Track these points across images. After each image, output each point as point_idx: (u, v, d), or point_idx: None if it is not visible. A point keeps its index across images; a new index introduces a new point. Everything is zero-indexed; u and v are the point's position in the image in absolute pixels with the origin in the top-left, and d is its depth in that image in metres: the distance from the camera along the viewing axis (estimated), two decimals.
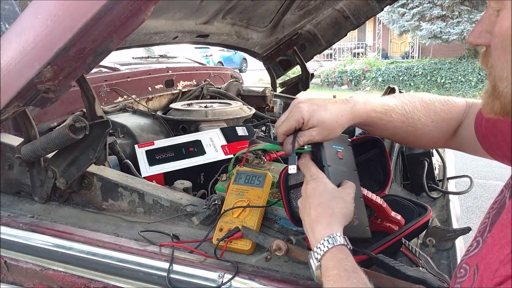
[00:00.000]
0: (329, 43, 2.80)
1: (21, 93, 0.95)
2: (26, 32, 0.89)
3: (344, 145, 0.92)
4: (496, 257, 0.50)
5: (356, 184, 0.85)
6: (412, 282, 0.77)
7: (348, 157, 0.91)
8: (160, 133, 1.77)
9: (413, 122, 0.93)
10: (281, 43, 2.74)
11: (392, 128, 0.93)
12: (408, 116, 0.93)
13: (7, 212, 1.19)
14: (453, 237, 0.98)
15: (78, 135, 1.09)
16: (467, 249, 0.63)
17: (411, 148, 1.45)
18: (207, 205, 1.07)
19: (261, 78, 13.94)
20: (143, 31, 1.79)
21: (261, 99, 2.43)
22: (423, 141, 0.97)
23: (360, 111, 0.91)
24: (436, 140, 0.96)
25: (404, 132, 0.94)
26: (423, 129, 0.93)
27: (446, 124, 0.94)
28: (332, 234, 0.73)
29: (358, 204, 0.84)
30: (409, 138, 0.96)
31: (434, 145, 1.11)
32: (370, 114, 0.91)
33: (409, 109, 0.93)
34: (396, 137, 0.98)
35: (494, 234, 0.54)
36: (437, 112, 0.94)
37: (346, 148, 0.92)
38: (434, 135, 0.95)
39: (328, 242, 0.72)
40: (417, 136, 0.95)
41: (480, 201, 4.40)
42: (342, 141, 0.92)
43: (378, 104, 0.92)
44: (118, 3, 0.80)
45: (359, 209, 0.84)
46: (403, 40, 19.82)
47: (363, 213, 0.85)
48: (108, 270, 0.99)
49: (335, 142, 0.90)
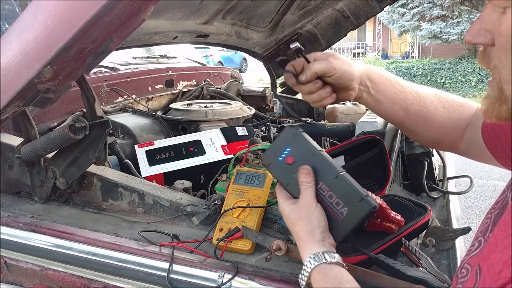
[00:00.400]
0: (329, 43, 2.80)
1: (21, 93, 0.95)
2: (26, 32, 0.89)
3: (290, 141, 0.81)
4: (499, 258, 0.49)
5: (323, 167, 0.76)
6: (412, 282, 0.77)
7: (301, 150, 0.80)
8: (160, 133, 1.78)
9: (424, 103, 0.90)
10: (281, 43, 2.73)
11: (403, 101, 0.89)
12: (420, 95, 0.90)
13: (7, 212, 1.19)
14: (453, 237, 0.98)
15: (78, 135, 1.09)
16: (469, 249, 0.63)
17: (411, 148, 1.45)
18: (207, 205, 1.07)
19: (261, 78, 13.94)
20: (143, 31, 1.79)
21: (261, 99, 2.43)
22: (433, 128, 0.92)
23: (373, 68, 0.90)
24: (445, 131, 0.91)
25: (416, 111, 0.90)
26: (434, 113, 0.90)
27: (457, 116, 0.91)
28: (308, 257, 0.72)
29: (339, 185, 0.75)
30: (419, 120, 0.91)
31: (442, 138, 0.94)
32: (383, 74, 0.90)
33: (423, 91, 0.91)
34: (407, 114, 0.91)
35: (497, 234, 0.54)
36: (449, 102, 0.92)
37: (294, 142, 0.80)
38: (444, 124, 0.90)
39: (307, 266, 0.71)
40: (427, 120, 0.90)
41: (480, 201, 4.40)
42: (286, 138, 0.81)
43: (391, 74, 0.92)
44: (118, 3, 0.80)
45: (341, 191, 0.74)
46: (403, 40, 19.83)
47: (347, 190, 0.74)
48: (108, 270, 0.99)
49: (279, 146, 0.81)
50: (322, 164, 0.77)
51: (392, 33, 17.73)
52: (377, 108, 0.94)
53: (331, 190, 0.76)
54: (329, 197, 0.76)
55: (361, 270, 0.80)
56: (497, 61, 0.55)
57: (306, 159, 0.78)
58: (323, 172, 0.77)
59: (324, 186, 0.76)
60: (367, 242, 0.88)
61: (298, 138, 0.80)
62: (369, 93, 0.91)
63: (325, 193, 0.76)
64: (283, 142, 0.81)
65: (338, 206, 0.75)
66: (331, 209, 0.76)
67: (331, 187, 0.76)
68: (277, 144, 0.83)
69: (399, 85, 0.91)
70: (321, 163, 0.77)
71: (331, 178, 0.76)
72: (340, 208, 0.74)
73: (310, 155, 0.78)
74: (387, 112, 0.94)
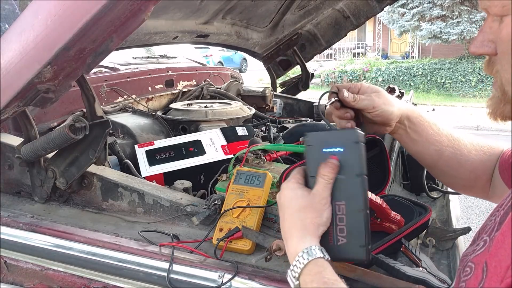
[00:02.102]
0: (329, 43, 2.80)
1: (21, 93, 0.95)
2: (26, 32, 0.89)
3: (346, 145, 0.74)
4: (507, 254, 0.50)
5: (357, 193, 0.72)
6: (412, 282, 0.77)
7: (350, 159, 0.73)
8: (160, 133, 1.78)
9: (459, 146, 0.92)
10: (281, 43, 2.74)
11: (439, 143, 0.92)
12: (455, 138, 0.93)
13: (7, 212, 1.19)
14: (453, 237, 0.98)
15: (78, 135, 1.09)
16: (473, 248, 0.63)
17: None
18: (207, 205, 1.07)
19: (261, 78, 13.94)
20: (143, 31, 1.79)
21: (261, 99, 2.43)
22: (465, 170, 0.93)
23: (413, 108, 0.93)
24: (477, 174, 0.92)
25: (450, 153, 0.92)
26: (467, 155, 0.92)
27: (487, 158, 0.92)
28: (306, 248, 0.69)
29: (355, 218, 0.71)
30: (452, 163, 0.93)
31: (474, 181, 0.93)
32: (422, 115, 0.92)
33: (457, 134, 0.94)
34: (441, 156, 0.93)
35: (504, 231, 0.54)
36: (480, 145, 0.94)
37: (348, 148, 0.74)
38: (476, 166, 0.92)
39: (303, 258, 0.68)
40: (461, 162, 0.92)
41: (480, 201, 4.40)
42: (344, 140, 0.74)
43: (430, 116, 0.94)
44: (118, 3, 0.80)
45: (353, 224, 0.71)
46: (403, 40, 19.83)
47: (358, 229, 0.71)
48: (108, 270, 0.99)
49: (332, 141, 0.75)
50: (357, 189, 0.72)
51: (392, 33, 17.72)
52: (411, 147, 0.96)
53: (345, 216, 0.72)
54: (339, 219, 0.72)
55: (361, 270, 0.80)
56: (499, 66, 0.59)
57: (348, 172, 0.73)
58: (352, 196, 0.73)
59: (342, 207, 0.73)
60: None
61: (357, 148, 0.73)
62: (405, 131, 0.94)
63: (339, 212, 0.73)
64: (339, 139, 0.75)
65: (341, 233, 0.72)
66: (331, 229, 0.73)
67: (348, 214, 0.72)
68: (332, 135, 0.76)
69: (436, 127, 0.93)
70: (357, 187, 0.72)
71: (354, 207, 0.72)
72: (340, 235, 0.72)
73: (354, 173, 0.73)
74: (421, 152, 0.95)
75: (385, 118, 0.90)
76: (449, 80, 13.22)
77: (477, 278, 0.54)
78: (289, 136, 1.59)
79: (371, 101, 0.88)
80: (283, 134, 1.70)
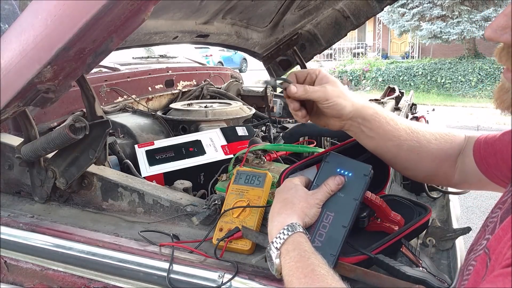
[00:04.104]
0: (329, 43, 2.80)
1: (21, 93, 0.95)
2: (26, 32, 0.89)
3: (356, 173, 0.85)
4: (505, 244, 0.50)
5: (347, 212, 0.82)
6: (412, 282, 0.77)
7: (353, 186, 0.84)
8: (160, 133, 1.78)
9: (418, 137, 0.92)
10: (281, 43, 2.73)
11: (396, 138, 0.91)
12: (414, 131, 0.92)
13: (7, 212, 1.19)
14: (453, 237, 0.98)
15: (78, 135, 1.09)
16: (475, 248, 0.63)
17: None
18: (207, 205, 1.07)
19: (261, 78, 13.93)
20: (143, 31, 1.79)
21: (261, 99, 2.43)
22: (426, 161, 0.93)
23: (369, 105, 0.92)
24: (438, 163, 0.92)
25: (409, 146, 0.91)
26: (427, 146, 0.91)
27: (449, 146, 0.92)
28: (291, 223, 0.76)
29: (337, 231, 0.80)
30: (412, 155, 0.92)
31: (435, 170, 0.94)
32: (378, 112, 0.91)
33: (416, 127, 0.93)
34: (400, 150, 0.93)
35: (505, 225, 0.54)
36: (440, 133, 0.93)
37: (356, 177, 0.85)
38: (437, 155, 0.91)
39: (288, 230, 0.75)
40: (420, 154, 0.92)
41: (480, 201, 4.40)
42: (356, 169, 0.86)
43: (387, 111, 0.93)
44: (118, 3, 0.80)
45: (333, 235, 0.80)
46: (403, 40, 19.84)
47: (335, 240, 0.79)
48: (108, 270, 0.99)
49: (347, 166, 0.86)
50: (349, 208, 0.82)
51: (392, 33, 17.73)
52: (367, 143, 0.96)
53: (329, 225, 0.81)
54: (323, 226, 0.82)
55: (361, 270, 0.80)
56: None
57: (349, 194, 0.84)
58: (342, 212, 0.82)
59: (330, 217, 0.82)
60: (367, 242, 0.88)
61: (363, 179, 0.85)
62: (360, 129, 0.93)
63: (326, 220, 0.82)
64: (353, 167, 0.86)
65: (319, 237, 0.81)
66: (313, 230, 0.82)
67: (332, 225, 0.81)
68: (350, 162, 0.88)
69: (394, 122, 0.92)
70: (350, 207, 0.83)
71: (340, 221, 0.81)
72: (318, 239, 0.81)
73: (353, 196, 0.83)
74: (379, 148, 0.95)
75: (336, 112, 0.89)
76: (449, 80, 13.22)
77: (480, 274, 0.54)
78: (289, 136, 1.59)
79: (324, 93, 0.87)
80: (283, 134, 1.70)
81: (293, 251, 0.72)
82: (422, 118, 2.02)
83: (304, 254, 0.70)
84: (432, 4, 13.14)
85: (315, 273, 0.66)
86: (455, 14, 12.81)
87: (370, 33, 21.70)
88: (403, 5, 13.76)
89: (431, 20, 13.38)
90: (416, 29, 13.79)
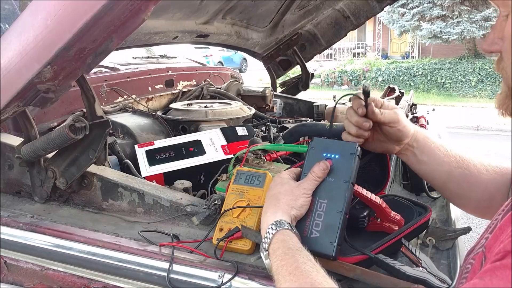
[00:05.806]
0: (329, 43, 2.80)
1: (21, 93, 0.95)
2: (26, 32, 0.89)
3: (342, 154, 0.83)
4: (501, 242, 0.51)
5: (340, 196, 0.79)
6: (412, 282, 0.77)
7: (341, 168, 0.82)
8: (160, 133, 1.78)
9: (467, 165, 0.92)
10: (281, 43, 2.74)
11: (447, 164, 0.91)
12: (464, 159, 0.92)
13: (7, 212, 1.19)
14: (453, 237, 0.98)
15: (78, 135, 1.09)
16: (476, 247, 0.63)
17: None
18: (207, 205, 1.07)
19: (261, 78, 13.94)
20: (143, 31, 1.79)
21: (261, 99, 2.43)
22: (478, 190, 0.91)
23: (421, 129, 0.93)
24: (490, 194, 0.90)
25: (459, 174, 0.91)
26: (477, 176, 0.91)
27: (500, 178, 0.91)
28: (276, 221, 0.77)
29: (333, 217, 0.78)
30: (462, 183, 0.92)
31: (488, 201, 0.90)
32: (429, 137, 0.93)
33: (466, 155, 0.93)
34: (450, 178, 0.92)
35: (502, 224, 0.56)
36: (491, 165, 0.93)
37: (343, 158, 0.83)
38: (489, 186, 0.90)
39: (272, 229, 0.76)
40: (471, 182, 0.91)
41: None
42: (342, 149, 0.84)
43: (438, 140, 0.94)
44: (118, 3, 0.80)
45: (329, 222, 0.78)
46: (403, 40, 19.83)
47: (333, 227, 0.77)
48: (108, 270, 0.99)
49: (333, 149, 0.84)
50: (341, 192, 0.80)
51: (392, 33, 17.72)
52: (419, 168, 0.96)
53: (324, 213, 0.80)
54: (318, 215, 0.80)
55: (361, 270, 0.80)
56: (505, 63, 0.61)
57: (339, 177, 0.81)
58: (335, 197, 0.80)
59: (324, 205, 0.81)
60: (367, 242, 0.88)
61: (351, 159, 0.82)
62: (413, 153, 0.94)
63: (320, 208, 0.81)
64: (338, 148, 0.84)
65: (316, 227, 0.79)
66: (308, 222, 0.80)
67: (327, 212, 0.80)
68: (335, 144, 0.86)
69: (443, 149, 0.93)
70: (342, 191, 0.80)
71: (334, 207, 0.79)
72: (315, 229, 0.79)
73: (343, 178, 0.81)
74: (430, 173, 0.95)
75: (401, 135, 0.91)
76: (449, 80, 13.22)
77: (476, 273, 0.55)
78: (289, 136, 1.59)
79: (396, 116, 0.89)
80: (283, 134, 1.70)
81: (278, 249, 0.73)
82: (422, 118, 2.02)
83: (288, 251, 0.71)
84: (432, 4, 13.14)
85: (299, 270, 0.67)
86: (455, 14, 12.81)
87: (370, 33, 21.70)
88: (403, 5, 13.76)
89: (431, 20, 13.38)
90: (416, 29, 13.80)
